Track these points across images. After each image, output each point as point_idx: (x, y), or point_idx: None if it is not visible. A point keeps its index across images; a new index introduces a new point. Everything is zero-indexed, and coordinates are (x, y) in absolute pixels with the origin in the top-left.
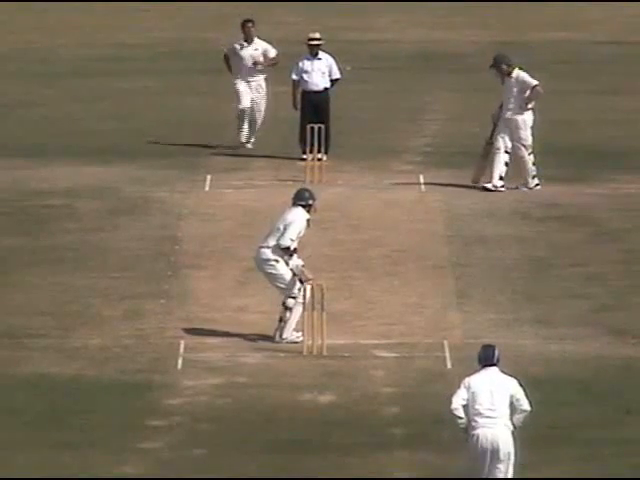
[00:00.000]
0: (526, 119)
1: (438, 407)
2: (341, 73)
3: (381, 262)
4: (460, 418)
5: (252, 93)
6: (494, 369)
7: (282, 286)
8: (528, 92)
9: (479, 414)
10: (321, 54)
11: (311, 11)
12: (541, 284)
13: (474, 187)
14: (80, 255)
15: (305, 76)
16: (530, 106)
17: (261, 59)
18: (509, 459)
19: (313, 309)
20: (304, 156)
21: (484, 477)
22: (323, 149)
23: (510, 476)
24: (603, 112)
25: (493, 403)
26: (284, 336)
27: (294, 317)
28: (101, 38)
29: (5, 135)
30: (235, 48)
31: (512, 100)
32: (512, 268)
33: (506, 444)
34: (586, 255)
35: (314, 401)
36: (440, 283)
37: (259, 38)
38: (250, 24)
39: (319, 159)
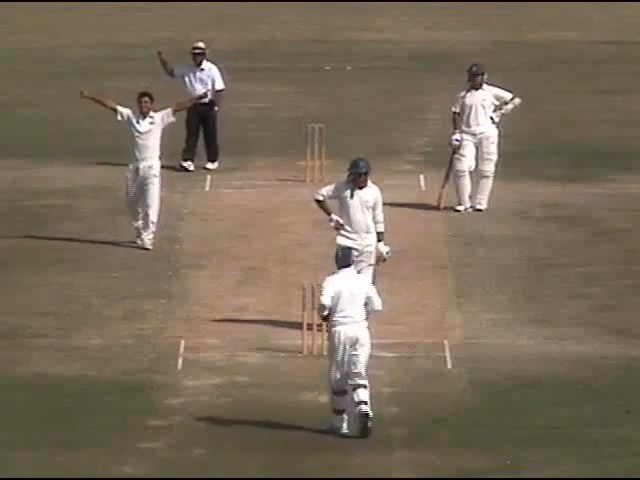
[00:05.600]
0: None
1: (438, 407)
2: (225, 84)
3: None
4: (326, 309)
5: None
6: (350, 270)
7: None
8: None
9: (340, 314)
10: (205, 64)
11: (311, 11)
12: (541, 284)
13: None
14: (80, 255)
15: (189, 86)
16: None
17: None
18: (366, 346)
19: (313, 309)
20: (184, 164)
21: (343, 367)
22: (210, 157)
23: (366, 361)
24: (603, 112)
25: (353, 303)
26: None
27: None
28: (101, 38)
29: (5, 135)
30: (131, 120)
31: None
32: (512, 268)
33: (364, 336)
34: (586, 255)
35: (314, 401)
36: (440, 283)
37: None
38: (146, 98)
39: (205, 168)
